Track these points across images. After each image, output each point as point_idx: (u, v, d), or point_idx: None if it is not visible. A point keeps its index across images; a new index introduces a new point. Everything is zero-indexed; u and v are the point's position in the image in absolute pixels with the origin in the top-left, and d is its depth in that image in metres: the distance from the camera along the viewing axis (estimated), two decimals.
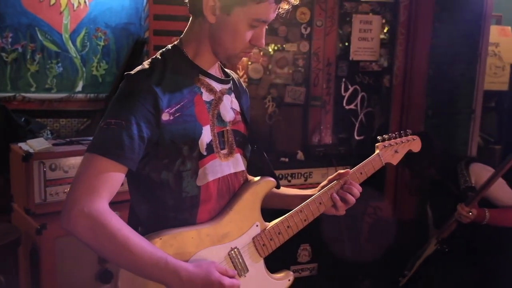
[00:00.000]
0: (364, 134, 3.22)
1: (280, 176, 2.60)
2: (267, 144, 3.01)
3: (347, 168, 2.63)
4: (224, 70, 1.37)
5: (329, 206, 1.39)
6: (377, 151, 1.51)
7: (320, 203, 1.38)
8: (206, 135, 1.23)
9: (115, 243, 1.09)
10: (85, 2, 3.12)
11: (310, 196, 1.40)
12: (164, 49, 1.27)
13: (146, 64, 1.23)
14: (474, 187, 2.32)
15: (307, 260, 2.66)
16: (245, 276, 1.29)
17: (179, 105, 1.19)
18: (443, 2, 3.15)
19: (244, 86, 1.46)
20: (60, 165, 2.05)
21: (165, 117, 1.16)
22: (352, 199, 1.38)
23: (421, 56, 3.16)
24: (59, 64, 3.12)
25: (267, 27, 1.25)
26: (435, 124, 3.28)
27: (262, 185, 1.34)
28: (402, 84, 3.20)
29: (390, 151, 1.53)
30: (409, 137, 1.57)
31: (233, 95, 1.35)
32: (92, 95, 3.19)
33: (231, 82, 1.36)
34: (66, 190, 2.07)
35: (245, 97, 1.44)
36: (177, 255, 1.17)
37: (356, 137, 3.20)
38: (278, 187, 1.38)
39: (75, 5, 3.11)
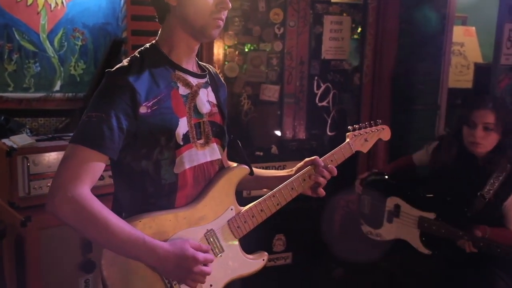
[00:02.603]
0: (336, 130, 3.35)
1: None
2: (243, 140, 3.10)
3: None
4: (201, 65, 1.47)
5: (300, 191, 1.50)
6: (347, 140, 1.61)
7: (292, 189, 1.49)
8: (183, 126, 1.33)
9: (96, 224, 1.20)
10: (62, 2, 3.16)
11: (284, 176, 1.52)
12: (142, 48, 1.38)
13: (125, 61, 1.33)
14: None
15: (282, 250, 2.76)
16: (221, 255, 1.40)
17: (156, 99, 1.29)
18: (409, 4, 3.31)
19: (222, 80, 1.56)
20: (43, 160, 2.11)
21: (143, 110, 1.26)
22: (323, 181, 1.50)
23: (388, 56, 3.31)
24: (37, 64, 3.15)
25: None
26: (402, 120, 3.43)
27: (236, 172, 1.45)
28: (372, 82, 3.34)
29: (360, 139, 1.63)
30: (379, 126, 1.68)
31: (209, 88, 1.45)
32: (70, 94, 3.22)
33: (208, 76, 1.45)
34: (49, 184, 2.12)
35: (222, 90, 1.53)
36: (156, 235, 1.27)
37: (329, 133, 3.33)
38: (251, 173, 1.49)
39: (52, 6, 3.15)
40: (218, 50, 2.94)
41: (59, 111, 3.20)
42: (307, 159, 1.53)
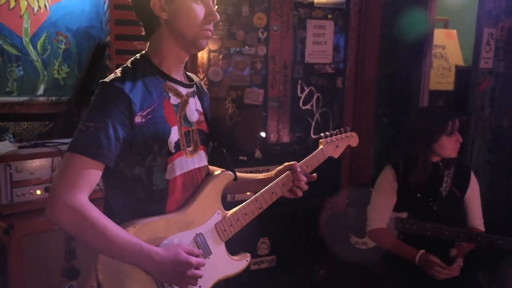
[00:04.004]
0: (320, 133, 3.37)
1: None
2: (228, 144, 3.12)
3: None
4: (188, 75, 1.52)
5: (281, 194, 1.59)
6: (320, 146, 1.71)
7: (273, 193, 1.58)
8: (174, 135, 1.38)
9: (95, 232, 1.24)
10: (45, 6, 3.14)
11: (264, 180, 1.62)
12: (133, 59, 1.43)
13: (118, 72, 1.37)
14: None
15: (266, 253, 2.79)
16: (209, 258, 1.46)
17: (150, 109, 1.34)
18: (391, 9, 3.36)
19: (204, 88, 1.62)
20: (26, 167, 2.10)
21: (138, 119, 1.31)
22: (305, 186, 1.61)
23: (370, 59, 3.35)
24: (20, 68, 3.13)
25: (216, 6, 1.42)
26: (385, 123, 3.49)
27: (221, 178, 1.51)
28: (354, 86, 3.38)
29: (332, 146, 1.73)
30: (348, 133, 1.79)
31: (196, 97, 1.51)
32: (54, 98, 3.21)
33: (194, 85, 1.51)
34: (32, 191, 2.13)
35: (205, 98, 1.60)
36: (149, 240, 1.33)
37: (313, 136, 3.37)
38: (235, 179, 1.55)
39: (35, 9, 3.13)
40: (202, 54, 2.95)
41: (42, 115, 3.19)
42: (286, 163, 1.63)
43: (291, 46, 3.19)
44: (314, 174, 1.64)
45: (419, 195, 2.37)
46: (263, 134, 3.17)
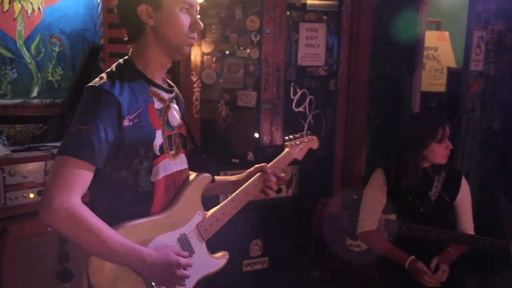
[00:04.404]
0: (312, 135, 3.41)
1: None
2: (221, 146, 3.14)
3: (295, 166, 2.86)
4: (167, 81, 1.57)
5: (254, 194, 1.68)
6: (286, 149, 1.83)
7: (247, 193, 1.67)
8: (159, 138, 1.43)
9: (91, 234, 1.27)
10: (39, 8, 3.15)
11: (237, 181, 1.71)
12: (117, 63, 1.46)
13: (105, 76, 1.40)
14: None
15: (259, 254, 2.81)
16: (191, 257, 1.52)
17: (136, 112, 1.38)
18: (382, 12, 3.39)
19: (180, 96, 1.68)
20: (19, 171, 2.12)
21: (126, 123, 1.35)
22: (275, 187, 1.71)
23: (363, 61, 3.38)
24: (14, 70, 3.14)
25: (199, 15, 1.47)
26: (377, 124, 3.52)
27: (201, 180, 1.58)
28: (347, 88, 3.41)
29: (296, 148, 1.85)
30: (310, 137, 1.92)
31: (175, 102, 1.56)
32: (48, 100, 3.22)
33: (174, 91, 1.57)
34: (25, 195, 2.15)
35: (181, 103, 1.65)
36: (138, 242, 1.37)
37: None
38: (213, 181, 1.62)
39: (29, 12, 3.14)
40: (196, 57, 2.97)
41: (36, 118, 3.20)
42: (256, 165, 1.73)
43: (284, 49, 3.21)
44: (283, 174, 1.76)
45: (409, 198, 2.40)
46: (256, 135, 3.20)
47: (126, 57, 1.48)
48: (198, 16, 1.47)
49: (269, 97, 3.21)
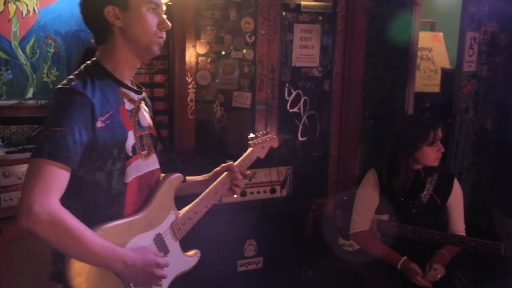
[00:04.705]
0: (307, 136, 3.43)
1: None
2: (216, 147, 3.16)
3: (289, 167, 2.87)
4: (135, 83, 1.58)
5: (222, 193, 1.73)
6: (251, 148, 1.88)
7: (216, 192, 1.72)
8: (131, 139, 1.45)
9: (72, 236, 1.27)
10: (34, 9, 3.15)
11: (203, 181, 1.78)
12: (86, 65, 1.47)
13: (76, 78, 1.40)
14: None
15: (253, 255, 2.82)
16: (166, 256, 1.54)
17: (108, 114, 1.40)
18: (376, 13, 3.41)
19: (147, 97, 1.68)
20: (13, 172, 2.13)
21: (99, 124, 1.36)
22: (242, 184, 1.77)
23: (357, 62, 3.40)
24: (9, 71, 3.13)
25: (165, 14, 1.49)
26: (371, 125, 3.54)
27: (173, 180, 1.60)
28: (341, 88, 3.43)
29: (259, 147, 1.91)
30: (270, 135, 1.98)
31: (144, 103, 1.58)
32: (43, 101, 3.22)
33: (143, 92, 1.58)
34: (19, 196, 2.15)
35: (149, 106, 1.67)
36: (116, 243, 1.38)
37: (300, 138, 3.42)
38: (184, 181, 1.65)
39: (24, 13, 3.14)
40: (191, 59, 2.98)
41: (31, 119, 3.19)
42: (223, 164, 1.78)
43: (279, 50, 3.23)
44: (248, 172, 1.81)
45: (401, 199, 2.42)
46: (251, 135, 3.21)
47: (94, 58, 1.48)
48: (165, 16, 1.50)
49: (263, 98, 3.22)
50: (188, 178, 1.76)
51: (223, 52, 3.12)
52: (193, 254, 1.69)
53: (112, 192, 1.42)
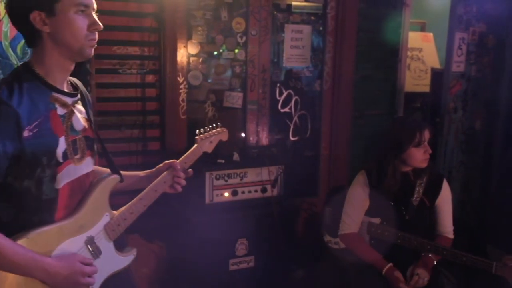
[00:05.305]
0: (298, 135, 3.45)
1: (218, 176, 2.79)
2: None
3: (280, 166, 2.87)
4: (71, 82, 1.56)
5: (163, 191, 1.72)
6: (196, 144, 1.87)
7: (156, 191, 1.71)
8: (62, 145, 1.43)
9: None
10: None
11: (144, 177, 1.78)
12: (16, 69, 1.45)
13: (2, 85, 1.37)
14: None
15: (244, 254, 2.83)
16: (99, 257, 1.55)
17: (37, 122, 1.36)
18: (366, 14, 3.44)
19: (86, 91, 1.67)
20: None
21: (26, 133, 1.33)
22: (183, 182, 1.77)
23: (348, 62, 3.42)
24: (0, 71, 3.14)
25: (96, 14, 1.46)
26: (362, 125, 3.56)
27: (108, 181, 1.61)
28: (332, 88, 3.45)
29: (206, 142, 1.91)
30: (219, 129, 1.98)
31: (80, 104, 1.56)
32: None
33: (79, 93, 1.56)
34: None
35: (89, 103, 1.64)
36: (43, 249, 1.40)
37: (291, 138, 3.44)
38: (122, 181, 1.64)
39: None
40: (182, 59, 3.00)
41: None
42: (166, 161, 1.77)
43: (270, 50, 3.25)
44: (189, 170, 1.80)
45: (392, 203, 2.42)
46: (243, 135, 3.23)
47: (26, 61, 1.46)
48: (96, 16, 1.45)
49: (255, 98, 3.24)
50: (130, 173, 1.79)
51: (215, 52, 3.13)
52: (128, 253, 1.68)
53: (43, 197, 1.42)
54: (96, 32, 1.45)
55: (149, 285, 3.03)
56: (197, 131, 1.89)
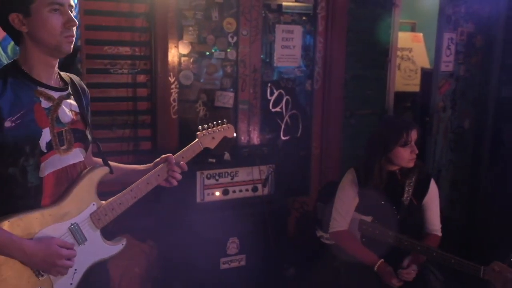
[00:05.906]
0: (289, 135, 3.48)
1: (209, 176, 2.80)
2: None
3: (271, 165, 2.88)
4: (63, 78, 1.63)
5: (155, 184, 1.74)
6: (197, 139, 1.87)
7: (148, 183, 1.73)
8: (46, 136, 1.51)
9: None
10: None
11: (142, 170, 1.79)
12: (3, 67, 1.54)
13: None
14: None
15: (236, 252, 2.85)
16: (84, 244, 1.60)
17: (19, 113, 1.46)
18: (356, 14, 3.47)
19: (84, 87, 1.72)
20: None
21: (7, 124, 1.43)
22: (178, 176, 1.77)
23: (338, 62, 3.46)
24: None
25: (73, 11, 1.52)
26: (352, 124, 3.59)
27: (96, 172, 1.65)
28: (323, 88, 3.48)
29: (208, 138, 1.90)
30: (224, 126, 1.96)
31: (72, 98, 1.62)
32: None
33: (70, 88, 1.62)
34: None
35: (85, 97, 1.70)
36: (24, 232, 1.48)
37: (282, 138, 3.46)
38: (111, 172, 1.69)
39: None
40: (173, 59, 3.01)
41: None
42: (163, 155, 1.79)
43: (260, 50, 3.27)
44: (182, 163, 1.79)
45: (383, 203, 2.45)
46: (234, 135, 3.24)
47: (14, 59, 1.56)
48: (73, 13, 1.52)
49: (246, 97, 3.26)
50: (126, 167, 1.84)
51: (206, 52, 3.14)
52: (117, 242, 1.71)
53: (28, 185, 1.50)
54: (74, 28, 1.51)
55: (141, 284, 3.04)
56: (200, 126, 1.89)
